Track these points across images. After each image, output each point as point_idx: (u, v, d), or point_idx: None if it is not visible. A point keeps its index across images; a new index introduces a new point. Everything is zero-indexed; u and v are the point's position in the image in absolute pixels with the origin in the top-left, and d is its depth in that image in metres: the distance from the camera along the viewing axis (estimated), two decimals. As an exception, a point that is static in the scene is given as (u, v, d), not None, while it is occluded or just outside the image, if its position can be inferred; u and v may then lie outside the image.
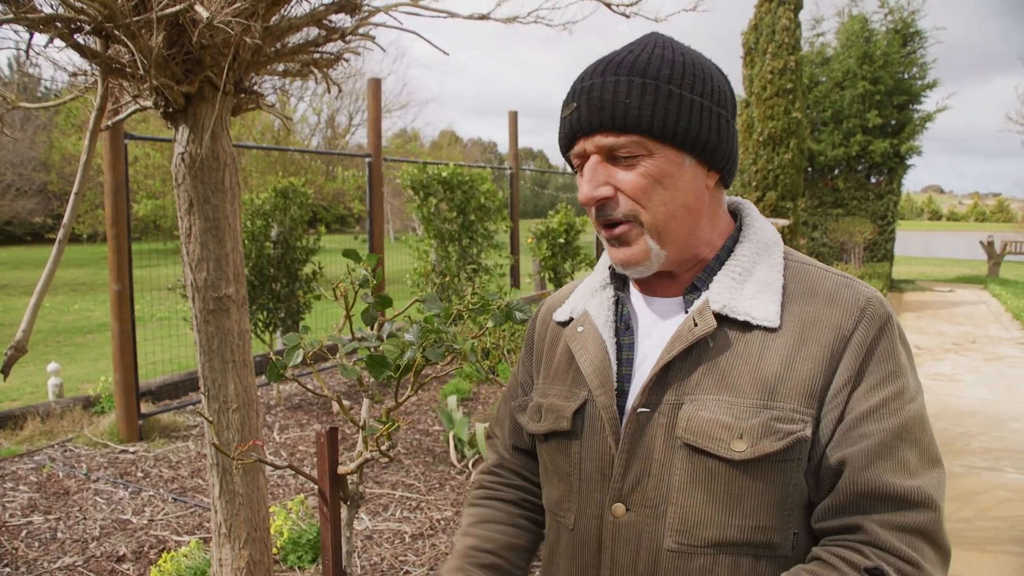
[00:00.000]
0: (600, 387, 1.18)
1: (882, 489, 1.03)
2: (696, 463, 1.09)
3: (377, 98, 8.31)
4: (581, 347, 1.24)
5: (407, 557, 3.92)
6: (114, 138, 5.51)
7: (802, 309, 1.13)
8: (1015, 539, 4.20)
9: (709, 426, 1.08)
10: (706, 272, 1.20)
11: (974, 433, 6.26)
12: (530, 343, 1.44)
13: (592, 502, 1.18)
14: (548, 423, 1.26)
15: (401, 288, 8.67)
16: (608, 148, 1.12)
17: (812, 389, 1.08)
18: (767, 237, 1.22)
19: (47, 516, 4.48)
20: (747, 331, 1.12)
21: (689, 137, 1.11)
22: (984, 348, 10.27)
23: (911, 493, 1.03)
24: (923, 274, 23.39)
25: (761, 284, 1.15)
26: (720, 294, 1.14)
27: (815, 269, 1.19)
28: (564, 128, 1.17)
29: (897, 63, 18.31)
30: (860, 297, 1.12)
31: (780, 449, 1.05)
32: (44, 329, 12.17)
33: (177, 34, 2.01)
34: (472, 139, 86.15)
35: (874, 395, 1.07)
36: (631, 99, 1.09)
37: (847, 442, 1.06)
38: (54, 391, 6.95)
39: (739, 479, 1.07)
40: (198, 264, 2.32)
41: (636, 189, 1.11)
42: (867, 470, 1.04)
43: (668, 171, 1.12)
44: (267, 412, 6.72)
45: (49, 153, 25.90)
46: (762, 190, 14.16)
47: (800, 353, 1.09)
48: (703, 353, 1.13)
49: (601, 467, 1.17)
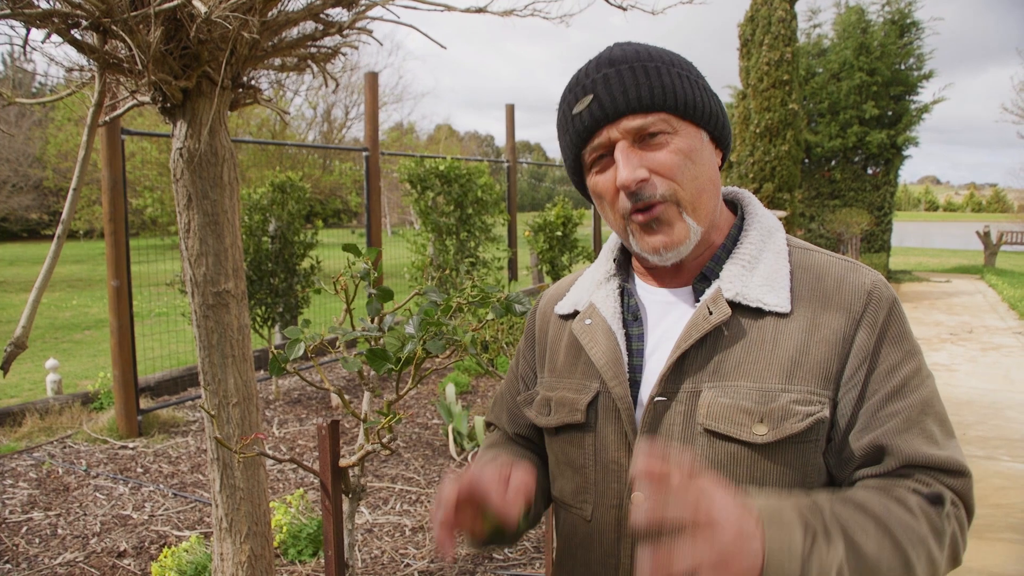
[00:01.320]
0: (614, 378, 1.18)
1: (920, 459, 1.07)
2: (717, 449, 1.10)
3: (374, 92, 8.30)
4: (591, 339, 1.24)
5: (407, 550, 3.94)
6: (111, 134, 5.51)
7: (811, 294, 1.15)
8: (1011, 526, 4.23)
9: (730, 412, 1.10)
10: (714, 260, 1.21)
11: (971, 422, 6.29)
12: (531, 337, 1.44)
13: (610, 493, 1.19)
14: (560, 416, 1.26)
15: (399, 282, 8.66)
16: (636, 130, 1.13)
17: (827, 371, 1.10)
18: (770, 224, 1.24)
19: (47, 512, 4.49)
20: (760, 317, 1.14)
21: (706, 112, 1.16)
22: (980, 338, 10.30)
23: (947, 462, 1.07)
24: (920, 264, 23.42)
25: (770, 271, 1.17)
26: (732, 282, 1.16)
27: (819, 254, 1.22)
28: (581, 123, 1.16)
29: (894, 54, 18.29)
30: (866, 280, 1.15)
31: (801, 431, 1.08)
32: (42, 325, 12.16)
33: (175, 29, 2.01)
34: (469, 132, 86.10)
35: (895, 376, 1.10)
36: (651, 79, 1.13)
37: (877, 422, 1.08)
38: (53, 387, 6.96)
39: (761, 463, 1.09)
40: (197, 259, 2.32)
41: (671, 167, 1.13)
42: (902, 445, 1.07)
43: (694, 146, 1.15)
44: (266, 407, 6.73)
45: (45, 149, 25.82)
46: (759, 182, 14.17)
47: (813, 337, 1.11)
48: (718, 341, 1.14)
49: (618, 457, 1.18)
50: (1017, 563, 3.80)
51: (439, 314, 2.01)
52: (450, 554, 1.10)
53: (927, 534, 1.02)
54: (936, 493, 1.05)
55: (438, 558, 3.83)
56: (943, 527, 1.04)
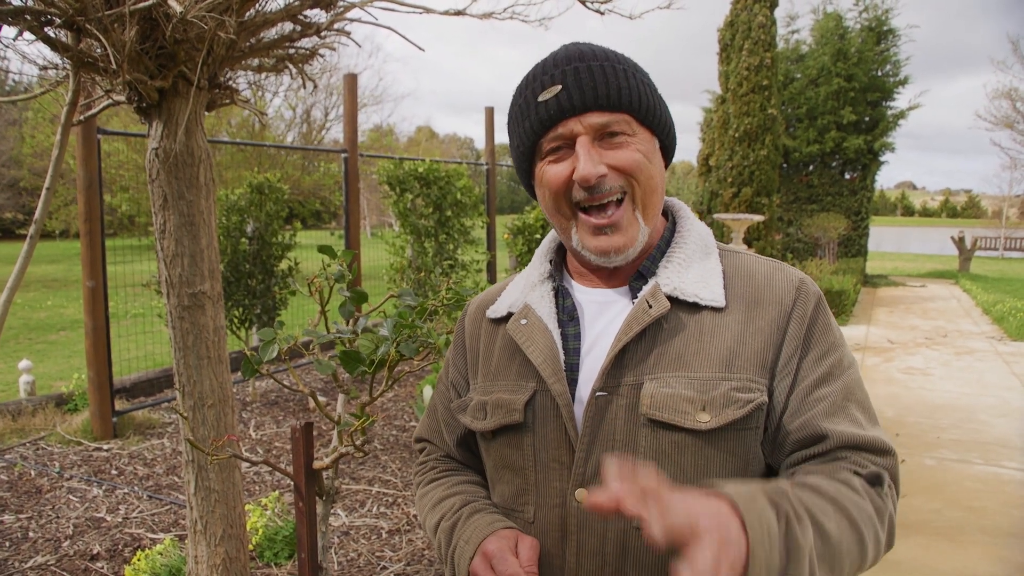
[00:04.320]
0: (553, 375, 1.19)
1: (851, 440, 1.12)
2: (662, 438, 1.13)
3: (353, 94, 8.27)
4: (527, 339, 1.25)
5: (384, 553, 3.93)
6: (87, 133, 5.46)
7: (743, 290, 1.21)
8: (983, 528, 4.28)
9: (673, 400, 1.12)
10: (650, 260, 1.26)
11: (945, 426, 6.35)
12: (460, 344, 1.43)
13: (552, 492, 1.19)
14: (497, 418, 1.25)
15: (378, 284, 8.64)
16: (600, 126, 1.16)
17: (764, 360, 1.15)
18: (701, 229, 1.30)
19: (18, 515, 4.44)
20: (696, 312, 1.19)
21: (661, 121, 1.22)
22: (955, 342, 10.41)
23: (873, 442, 1.13)
24: (896, 269, 23.67)
25: (703, 270, 1.22)
26: (669, 278, 1.20)
27: (747, 256, 1.28)
28: (546, 111, 1.17)
29: (871, 60, 18.48)
30: (794, 277, 1.22)
31: (742, 416, 1.12)
32: (16, 326, 12.02)
33: (150, 28, 2.00)
34: (449, 135, 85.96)
35: (821, 364, 1.16)
36: (620, 80, 1.16)
37: (806, 407, 1.14)
38: (26, 388, 6.87)
39: (704, 450, 1.12)
40: (172, 260, 2.31)
41: (631, 164, 1.16)
42: (831, 427, 1.12)
43: (650, 150, 1.20)
44: (243, 409, 6.69)
45: (20, 148, 25.51)
46: (738, 186, 14.27)
47: (749, 328, 1.17)
48: (657, 334, 1.18)
49: (559, 455, 1.19)
50: (990, 565, 3.85)
51: (413, 317, 2.00)
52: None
53: (872, 513, 1.07)
54: (875, 473, 1.11)
55: (414, 560, 3.82)
56: (884, 506, 1.09)
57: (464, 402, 1.36)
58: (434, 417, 1.49)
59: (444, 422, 1.45)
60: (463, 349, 1.42)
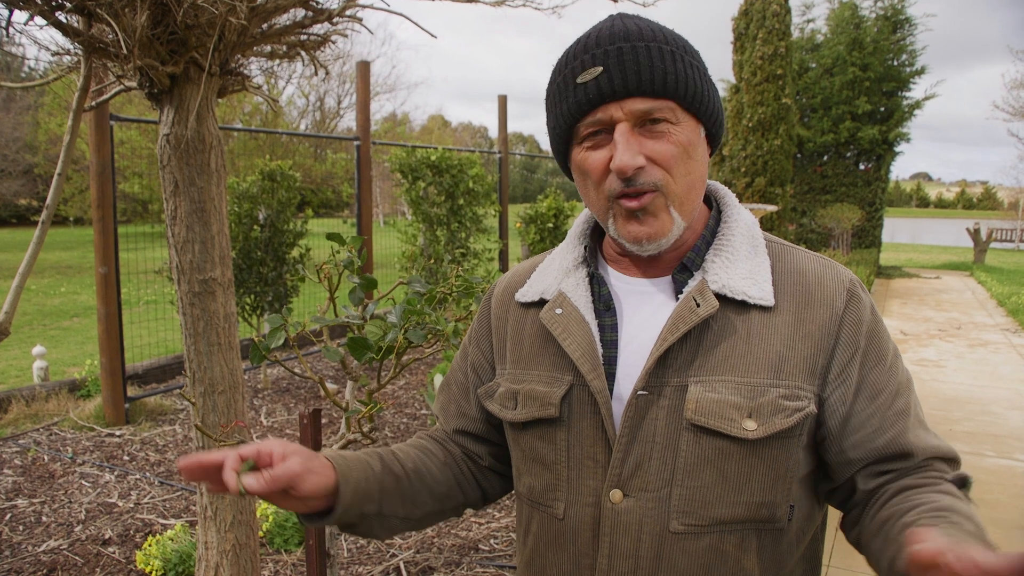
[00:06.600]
0: (592, 371, 1.13)
1: (933, 451, 1.11)
2: (704, 444, 1.08)
3: (366, 81, 8.26)
4: (564, 330, 1.18)
5: (393, 540, 3.94)
6: (99, 119, 5.47)
7: (793, 289, 1.14)
8: (995, 521, 4.25)
9: (719, 407, 1.07)
10: (694, 252, 1.18)
11: (957, 418, 6.32)
12: (486, 325, 1.37)
13: (586, 490, 1.14)
14: (529, 411, 1.19)
15: (390, 272, 8.65)
16: (642, 113, 1.08)
17: (813, 366, 1.10)
18: (747, 219, 1.22)
19: (32, 500, 4.47)
20: (744, 311, 1.12)
21: (709, 107, 1.13)
22: (969, 334, 10.34)
23: (949, 452, 1.13)
24: (910, 261, 23.52)
25: (752, 264, 1.15)
26: (717, 274, 1.13)
27: (796, 250, 1.21)
28: (585, 94, 1.10)
29: (886, 50, 18.32)
30: (844, 278, 1.15)
31: (790, 426, 1.07)
32: (30, 312, 12.10)
33: (161, 14, 1.99)
34: (462, 123, 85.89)
35: (891, 377, 1.13)
36: (666, 65, 1.08)
37: (888, 423, 1.11)
38: (39, 374, 6.92)
39: (748, 458, 1.08)
40: (183, 246, 2.31)
41: (669, 158, 1.09)
42: (916, 441, 1.11)
43: (692, 141, 1.11)
44: (254, 396, 6.71)
45: (35, 134, 25.64)
46: (751, 176, 14.19)
47: (799, 331, 1.11)
48: (703, 334, 1.12)
49: (594, 453, 1.14)
50: (1000, 558, 3.83)
51: (422, 304, 2.00)
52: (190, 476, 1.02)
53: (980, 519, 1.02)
54: (961, 476, 1.09)
55: (424, 548, 3.83)
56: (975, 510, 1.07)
57: (491, 388, 1.30)
58: (448, 396, 1.42)
59: (457, 403, 1.39)
60: (488, 332, 1.36)
